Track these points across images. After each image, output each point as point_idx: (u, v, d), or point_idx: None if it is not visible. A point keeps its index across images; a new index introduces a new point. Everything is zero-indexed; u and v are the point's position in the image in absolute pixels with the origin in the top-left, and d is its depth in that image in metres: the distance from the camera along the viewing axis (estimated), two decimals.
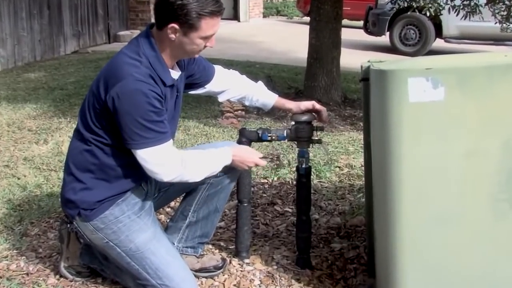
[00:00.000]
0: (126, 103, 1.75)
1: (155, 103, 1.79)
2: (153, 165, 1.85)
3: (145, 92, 1.76)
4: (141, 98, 1.75)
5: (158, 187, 2.14)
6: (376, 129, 1.76)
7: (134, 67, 1.79)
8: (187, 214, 2.21)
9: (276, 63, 8.00)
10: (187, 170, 1.91)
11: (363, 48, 9.81)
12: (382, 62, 1.84)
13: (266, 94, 2.33)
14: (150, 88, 1.78)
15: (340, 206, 3.00)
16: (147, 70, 1.81)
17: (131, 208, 1.96)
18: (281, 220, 2.84)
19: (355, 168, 3.56)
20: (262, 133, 2.25)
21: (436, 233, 1.71)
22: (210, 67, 2.23)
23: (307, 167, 2.29)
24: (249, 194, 2.35)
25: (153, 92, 1.78)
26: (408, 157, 1.66)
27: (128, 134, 1.79)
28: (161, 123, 1.82)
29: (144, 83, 1.77)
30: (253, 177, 3.36)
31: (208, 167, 1.99)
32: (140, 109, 1.76)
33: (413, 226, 1.71)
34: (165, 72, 1.88)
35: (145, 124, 1.78)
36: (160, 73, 1.85)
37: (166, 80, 1.87)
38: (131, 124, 1.77)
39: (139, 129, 1.78)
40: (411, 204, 1.69)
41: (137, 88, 1.75)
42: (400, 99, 1.61)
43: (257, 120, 4.81)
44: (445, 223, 1.70)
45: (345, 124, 4.86)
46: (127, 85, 1.75)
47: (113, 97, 1.76)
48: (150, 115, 1.78)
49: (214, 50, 2.30)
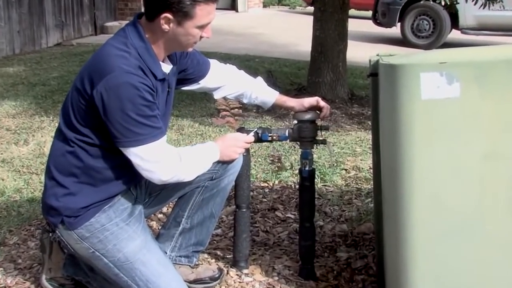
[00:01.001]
0: (115, 98, 1.75)
1: (147, 96, 1.79)
2: (150, 164, 1.85)
3: (135, 84, 1.76)
4: (131, 92, 1.75)
5: (148, 192, 2.14)
6: (385, 128, 1.76)
7: (122, 59, 1.79)
8: (180, 221, 2.21)
9: (277, 57, 8.01)
10: (184, 167, 1.92)
11: (371, 41, 9.81)
12: (392, 56, 1.84)
13: (266, 91, 2.33)
14: (140, 80, 1.78)
15: (347, 212, 3.00)
16: (136, 61, 1.81)
17: (119, 214, 1.96)
18: (283, 227, 2.84)
19: (362, 171, 3.56)
20: (262, 132, 2.25)
21: (451, 243, 1.71)
22: (204, 61, 2.23)
23: (310, 169, 2.30)
24: (248, 198, 2.35)
25: (144, 85, 1.78)
26: (420, 160, 1.65)
27: (119, 131, 1.79)
28: (154, 118, 1.83)
29: (134, 75, 1.77)
30: (253, 181, 3.36)
31: (201, 164, 2.00)
32: (132, 104, 1.76)
33: (426, 234, 1.70)
34: (156, 64, 1.88)
35: (138, 119, 1.78)
36: (150, 65, 1.85)
37: (157, 73, 1.87)
38: (123, 120, 1.77)
39: (132, 125, 1.78)
40: (424, 211, 1.69)
41: (127, 81, 1.75)
42: (411, 96, 1.61)
43: (256, 119, 4.80)
44: (461, 232, 1.70)
45: (352, 123, 4.86)
46: (115, 78, 1.75)
47: (100, 92, 1.76)
48: (142, 110, 1.78)
49: (209, 43, 2.31)
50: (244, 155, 2.23)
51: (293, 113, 2.35)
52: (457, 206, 1.69)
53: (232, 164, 2.15)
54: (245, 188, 2.32)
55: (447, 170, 1.67)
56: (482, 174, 1.66)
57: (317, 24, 5.38)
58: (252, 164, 3.57)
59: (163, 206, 2.30)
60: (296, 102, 2.31)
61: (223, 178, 2.16)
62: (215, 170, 2.11)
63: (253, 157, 3.77)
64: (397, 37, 9.83)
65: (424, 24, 9.51)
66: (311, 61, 5.52)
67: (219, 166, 2.11)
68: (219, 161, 2.09)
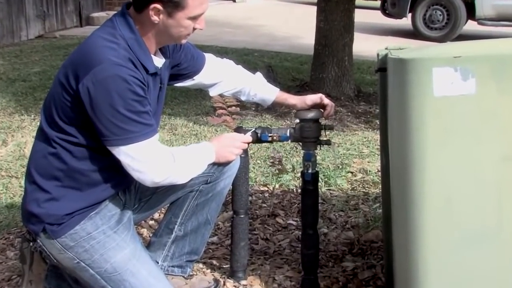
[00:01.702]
0: (104, 92, 1.75)
1: (138, 90, 1.79)
2: (141, 164, 1.85)
3: (125, 77, 1.76)
4: (121, 85, 1.75)
5: (138, 197, 2.14)
6: (394, 128, 1.76)
7: (110, 50, 1.79)
8: (173, 228, 2.21)
9: (278, 51, 8.02)
10: (178, 168, 1.92)
11: (380, 33, 9.83)
12: (402, 50, 1.84)
13: (266, 88, 2.33)
14: (130, 73, 1.78)
15: (353, 218, 3.00)
16: (126, 53, 1.81)
17: (106, 221, 1.96)
18: (284, 234, 2.84)
19: (370, 174, 3.56)
20: (261, 132, 2.25)
21: (466, 251, 1.71)
22: (199, 55, 2.23)
23: (314, 172, 2.30)
24: (246, 204, 2.35)
25: (135, 78, 1.78)
26: (433, 162, 1.65)
27: (108, 128, 1.79)
28: (146, 114, 1.83)
29: (123, 68, 1.77)
30: (251, 184, 3.36)
31: (195, 165, 2.00)
32: (122, 98, 1.76)
33: (440, 242, 1.70)
34: (147, 57, 1.88)
35: (129, 115, 1.78)
36: (141, 57, 1.85)
37: (148, 67, 1.87)
38: (112, 117, 1.77)
39: (122, 122, 1.78)
40: (436, 217, 1.69)
41: (116, 73, 1.75)
42: (423, 93, 1.61)
43: (255, 118, 4.81)
44: (477, 241, 1.70)
45: (359, 122, 4.86)
46: (103, 70, 1.75)
47: (87, 86, 1.76)
48: (133, 105, 1.78)
49: (205, 36, 2.31)
50: (242, 156, 2.23)
51: (294, 111, 2.35)
52: (472, 212, 1.69)
53: (228, 166, 2.15)
54: (243, 193, 2.32)
55: (462, 172, 1.67)
56: (500, 177, 1.66)
57: (321, 15, 5.38)
58: (250, 167, 3.57)
59: (154, 212, 2.30)
60: (298, 99, 2.31)
61: (219, 181, 2.16)
62: (210, 172, 2.11)
63: (252, 159, 3.77)
64: (407, 28, 9.84)
65: (437, 14, 9.50)
66: (315, 55, 5.52)
67: (214, 168, 2.11)
68: (215, 163, 2.09)
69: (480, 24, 9.47)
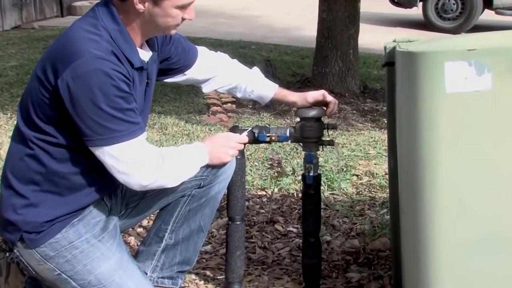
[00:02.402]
0: (84, 88, 1.75)
1: (122, 86, 1.78)
2: (127, 166, 1.84)
3: (107, 72, 1.76)
4: (103, 80, 1.75)
5: (125, 202, 2.13)
6: (403, 127, 1.76)
7: (92, 42, 1.78)
8: (163, 236, 2.21)
9: (277, 44, 8.02)
10: (168, 170, 1.92)
11: (388, 24, 9.84)
12: (412, 42, 1.84)
13: (264, 84, 2.33)
14: (113, 67, 1.77)
15: (359, 225, 3.00)
16: (109, 45, 1.81)
17: (90, 229, 1.95)
18: (283, 242, 2.84)
19: (377, 177, 3.56)
20: (258, 132, 2.25)
21: (481, 259, 1.71)
22: (191, 48, 2.23)
23: (315, 175, 2.30)
24: (242, 209, 2.35)
25: (118, 73, 1.78)
26: (445, 164, 1.65)
27: (90, 127, 1.79)
28: (131, 112, 1.82)
29: (106, 61, 1.77)
30: (248, 188, 3.36)
31: (186, 167, 2.00)
32: (104, 94, 1.75)
33: (452, 250, 1.71)
34: (132, 50, 1.88)
35: (113, 113, 1.77)
36: (126, 50, 1.85)
37: (133, 60, 1.87)
38: (94, 115, 1.77)
39: (105, 120, 1.78)
40: (449, 224, 1.69)
41: (98, 67, 1.75)
42: (434, 90, 1.61)
43: (252, 116, 4.81)
44: (494, 248, 1.70)
45: (365, 120, 4.87)
46: (84, 64, 1.75)
47: (67, 81, 1.76)
48: (117, 102, 1.78)
49: (197, 27, 2.31)
50: (238, 158, 2.23)
51: (295, 109, 2.35)
52: (488, 217, 1.69)
53: (223, 169, 2.15)
54: (239, 197, 2.32)
55: (476, 174, 1.67)
56: None
57: (323, 5, 5.38)
58: (247, 169, 3.57)
59: (143, 218, 2.30)
60: (298, 96, 2.31)
61: (213, 185, 2.16)
62: (203, 176, 2.11)
63: (249, 161, 3.77)
64: (418, 19, 9.85)
65: (451, 3, 9.47)
66: (317, 48, 5.52)
67: (208, 171, 2.11)
68: (208, 165, 2.09)
69: (497, 13, 9.46)
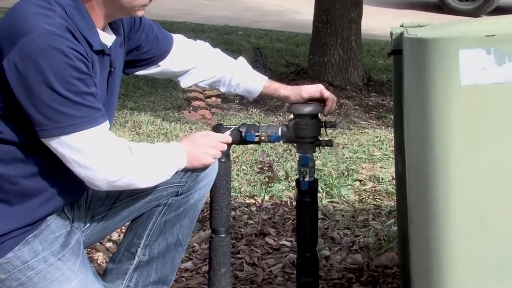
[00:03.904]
0: (35, 68, 1.73)
1: (79, 65, 1.77)
2: (89, 158, 1.82)
3: (62, 49, 1.74)
4: (58, 58, 1.73)
5: (90, 213, 2.12)
6: (412, 125, 1.76)
7: (43, 17, 1.77)
8: (135, 251, 2.19)
9: (268, 29, 8.03)
10: (137, 166, 1.90)
11: (396, 6, 9.87)
12: (422, 27, 1.84)
13: (251, 76, 2.33)
14: (69, 44, 1.76)
15: (362, 237, 3.00)
16: (63, 21, 1.79)
17: (48, 246, 1.94)
18: (275, 258, 2.84)
19: (383, 182, 3.57)
20: (246, 131, 2.24)
21: (504, 277, 1.71)
22: (165, 36, 2.22)
23: (312, 180, 2.29)
24: (227, 220, 2.34)
25: (75, 51, 1.76)
26: (461, 168, 1.65)
27: (45, 114, 1.76)
28: (91, 96, 1.80)
29: (60, 38, 1.75)
30: (234, 196, 3.35)
31: (160, 166, 1.98)
32: (59, 75, 1.74)
33: (469, 270, 1.70)
34: (91, 30, 1.86)
35: (70, 96, 1.75)
36: (83, 29, 1.83)
37: (92, 41, 1.85)
38: (49, 99, 1.75)
39: (63, 105, 1.75)
40: (465, 238, 1.69)
41: (51, 44, 1.73)
42: (447, 82, 1.61)
43: (240, 113, 4.81)
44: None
45: (369, 117, 4.88)
46: (35, 41, 1.73)
47: (14, 61, 1.73)
48: (75, 84, 1.76)
49: (176, 10, 2.30)
50: (222, 161, 2.22)
51: (288, 105, 2.35)
52: (511, 228, 1.69)
53: (204, 173, 2.14)
54: (224, 206, 2.32)
55: (497, 181, 1.67)
56: None
57: None
58: (233, 174, 3.56)
59: (111, 232, 2.29)
60: (291, 90, 2.30)
61: (193, 192, 2.14)
62: (181, 182, 2.10)
63: (235, 164, 3.76)
64: (431, 0, 9.87)
65: None
66: (314, 34, 5.52)
67: (186, 176, 2.10)
68: (187, 169, 2.08)
69: None
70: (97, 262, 2.74)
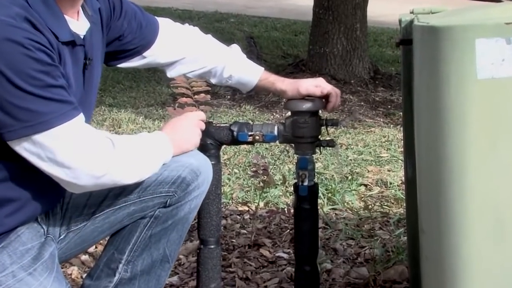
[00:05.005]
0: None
1: (41, 56, 1.76)
2: (68, 155, 1.81)
3: (19, 41, 1.73)
4: (16, 50, 1.72)
5: (66, 223, 2.10)
6: (423, 123, 1.76)
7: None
8: (116, 267, 2.18)
9: (264, 16, 8.03)
10: (121, 159, 1.89)
11: None
12: (434, 14, 1.84)
13: (246, 67, 2.34)
14: (26, 35, 1.75)
15: (368, 249, 3.01)
16: (22, 11, 1.78)
17: (17, 259, 1.93)
18: (271, 272, 2.84)
19: (391, 187, 3.58)
20: (238, 130, 2.24)
21: None
22: (150, 22, 2.22)
23: (311, 185, 2.30)
24: (217, 230, 2.34)
25: (34, 41, 1.75)
26: (478, 171, 1.66)
27: (10, 114, 1.74)
28: (60, 89, 1.79)
29: (15, 29, 1.74)
30: (225, 203, 3.36)
31: (146, 157, 1.97)
32: (20, 69, 1.73)
33: (489, 284, 1.71)
34: (57, 19, 1.85)
35: (35, 91, 1.75)
36: (47, 18, 1.82)
37: (58, 32, 1.84)
38: (12, 96, 1.73)
39: (29, 102, 1.75)
40: (483, 247, 1.69)
41: (6, 36, 1.72)
42: (462, 75, 1.62)
43: (231, 110, 4.80)
44: None
45: (376, 115, 4.89)
46: None
47: None
48: (38, 77, 1.75)
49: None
50: (212, 163, 2.22)
51: (285, 100, 2.35)
52: None
53: (196, 183, 2.11)
54: (214, 214, 2.32)
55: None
56: None
57: None
58: (225, 178, 3.57)
59: (90, 246, 2.28)
60: (289, 84, 2.30)
61: (183, 204, 2.12)
62: (169, 191, 2.08)
63: (227, 167, 3.76)
64: None
65: None
66: (314, 21, 5.53)
67: (176, 185, 2.07)
68: (175, 180, 2.06)
69: None
70: (71, 277, 2.73)
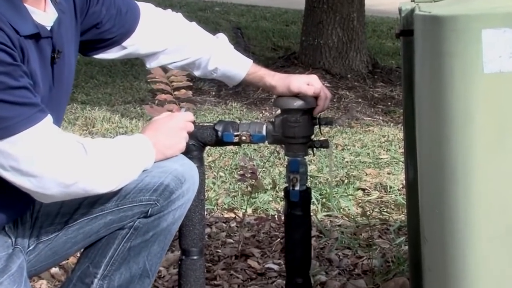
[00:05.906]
0: None
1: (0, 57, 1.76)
2: (34, 163, 1.80)
3: None
4: None
5: (36, 233, 2.10)
6: (425, 121, 1.77)
7: None
8: (91, 282, 2.17)
9: (252, 4, 8.03)
10: (93, 164, 1.89)
11: None
12: (437, 2, 1.85)
13: (233, 59, 2.34)
14: None
15: (366, 259, 3.01)
16: None
17: None
18: (260, 284, 2.85)
19: (391, 192, 3.59)
20: (223, 130, 2.25)
21: None
22: (131, 8, 2.23)
23: (303, 190, 2.30)
24: (201, 239, 2.35)
25: None
26: (484, 172, 1.66)
27: None
28: (24, 90, 1.78)
29: None
30: (210, 209, 3.36)
31: (123, 164, 1.97)
32: None
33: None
34: (16, 11, 1.84)
35: None
36: (5, 11, 1.80)
37: (19, 25, 1.83)
38: None
39: None
40: (492, 258, 1.70)
41: None
42: (467, 69, 1.62)
43: (216, 107, 4.80)
44: None
45: (374, 112, 4.89)
46: None
47: None
48: None
49: None
50: (196, 166, 2.22)
51: (275, 97, 2.35)
52: None
53: (181, 191, 2.09)
54: (197, 222, 2.32)
55: None
56: None
57: None
58: (209, 182, 3.57)
59: (62, 259, 2.27)
60: (279, 79, 2.31)
61: (165, 214, 2.11)
62: (151, 200, 2.06)
63: (211, 171, 3.76)
64: None
65: None
66: (307, 10, 5.54)
67: (158, 193, 2.07)
68: (157, 188, 2.05)
69: None
70: None
